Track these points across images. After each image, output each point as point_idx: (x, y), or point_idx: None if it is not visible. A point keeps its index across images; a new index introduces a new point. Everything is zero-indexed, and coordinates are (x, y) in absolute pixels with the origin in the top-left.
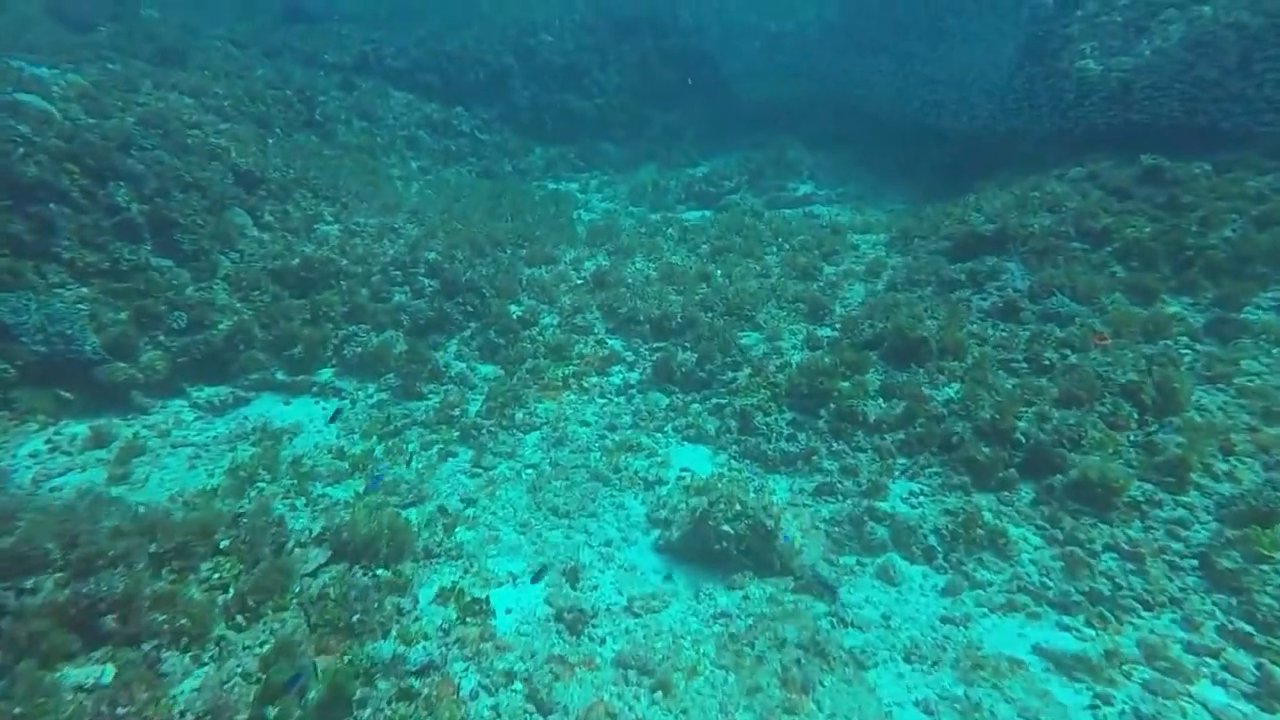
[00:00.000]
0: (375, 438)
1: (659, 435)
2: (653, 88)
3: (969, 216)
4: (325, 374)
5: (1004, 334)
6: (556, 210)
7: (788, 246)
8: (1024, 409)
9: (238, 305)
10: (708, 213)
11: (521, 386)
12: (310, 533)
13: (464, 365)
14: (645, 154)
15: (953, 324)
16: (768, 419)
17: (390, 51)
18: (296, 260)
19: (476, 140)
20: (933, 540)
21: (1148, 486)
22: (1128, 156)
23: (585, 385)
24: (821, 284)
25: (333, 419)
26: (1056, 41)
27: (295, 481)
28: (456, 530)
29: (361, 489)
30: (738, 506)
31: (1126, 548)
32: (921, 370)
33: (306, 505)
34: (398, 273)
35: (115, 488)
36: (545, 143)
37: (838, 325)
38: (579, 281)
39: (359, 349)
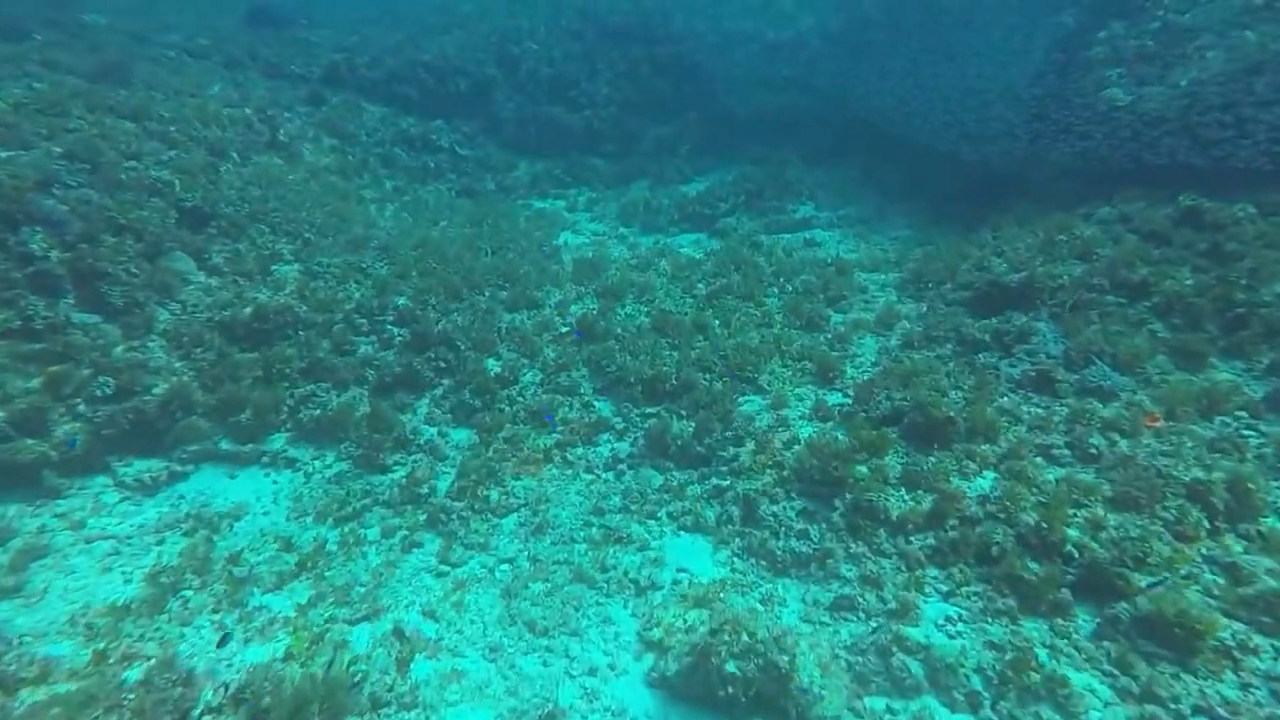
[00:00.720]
0: (330, 521)
1: (652, 523)
2: (644, 99)
3: (989, 262)
4: (277, 441)
5: (1040, 411)
6: (542, 235)
7: (790, 289)
8: (1073, 512)
9: (176, 365)
10: (702, 236)
11: (498, 459)
12: (225, 690)
13: (435, 430)
14: (636, 169)
15: (981, 398)
16: (775, 508)
17: (364, 61)
18: (248, 310)
19: (457, 156)
20: (977, 682)
21: (1238, 626)
22: (1161, 195)
23: (570, 458)
24: (829, 336)
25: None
26: (1078, 65)
27: (228, 588)
28: (414, 662)
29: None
30: (745, 638)
31: (1223, 713)
32: (949, 455)
33: (239, 621)
34: (363, 321)
35: (3, 604)
36: (530, 157)
37: (850, 391)
38: (565, 329)
39: (317, 411)
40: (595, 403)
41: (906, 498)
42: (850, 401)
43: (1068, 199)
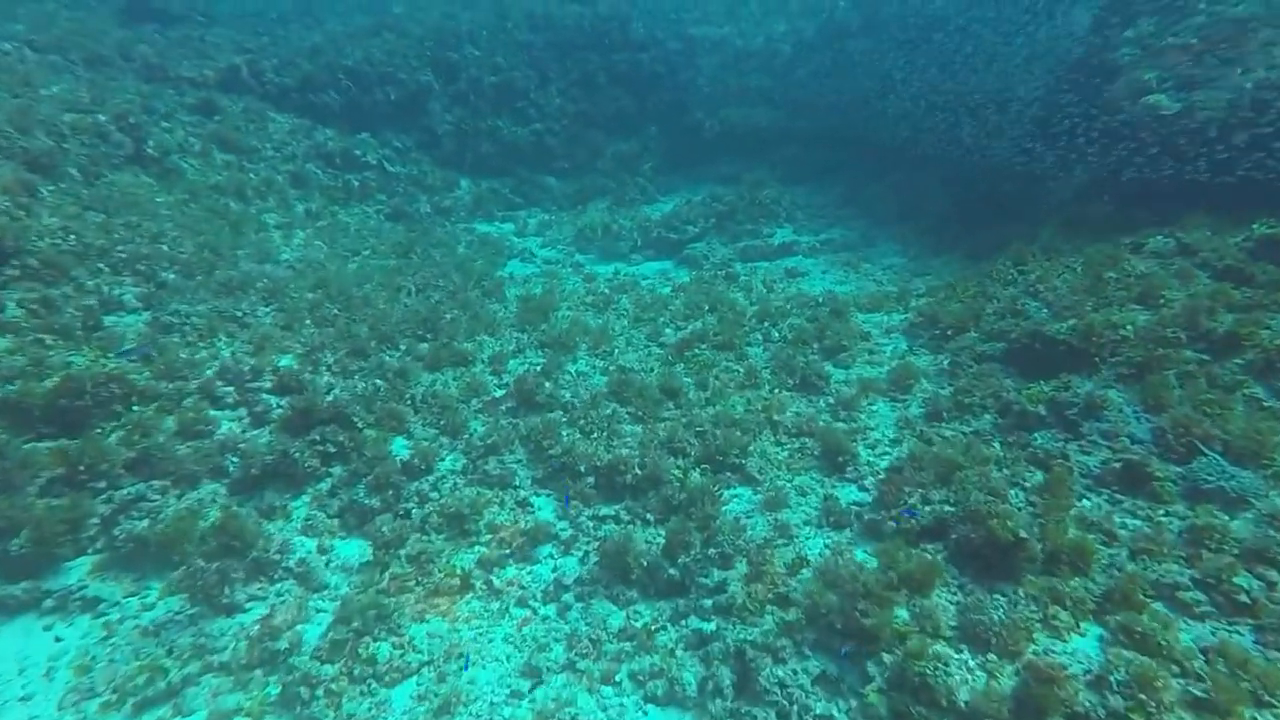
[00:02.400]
0: (128, 708)
1: (607, 690)
2: (602, 111)
3: (1025, 305)
4: (77, 571)
5: (1142, 525)
6: (484, 266)
7: (777, 335)
8: (1241, 711)
9: None
10: (669, 264)
11: (397, 590)
12: None
13: (314, 544)
14: (594, 188)
15: (1056, 504)
16: (781, 671)
17: (272, 65)
18: (53, 381)
19: (386, 173)
20: None
21: None
22: (1227, 219)
23: (496, 584)
24: (831, 401)
25: None
26: (1102, 68)
27: None
28: None
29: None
30: None
31: None
32: (1021, 594)
33: None
34: (229, 389)
35: None
36: (473, 175)
37: (868, 484)
38: (499, 392)
39: (143, 523)
40: (534, 499)
41: (974, 668)
42: (870, 501)
43: (1104, 224)
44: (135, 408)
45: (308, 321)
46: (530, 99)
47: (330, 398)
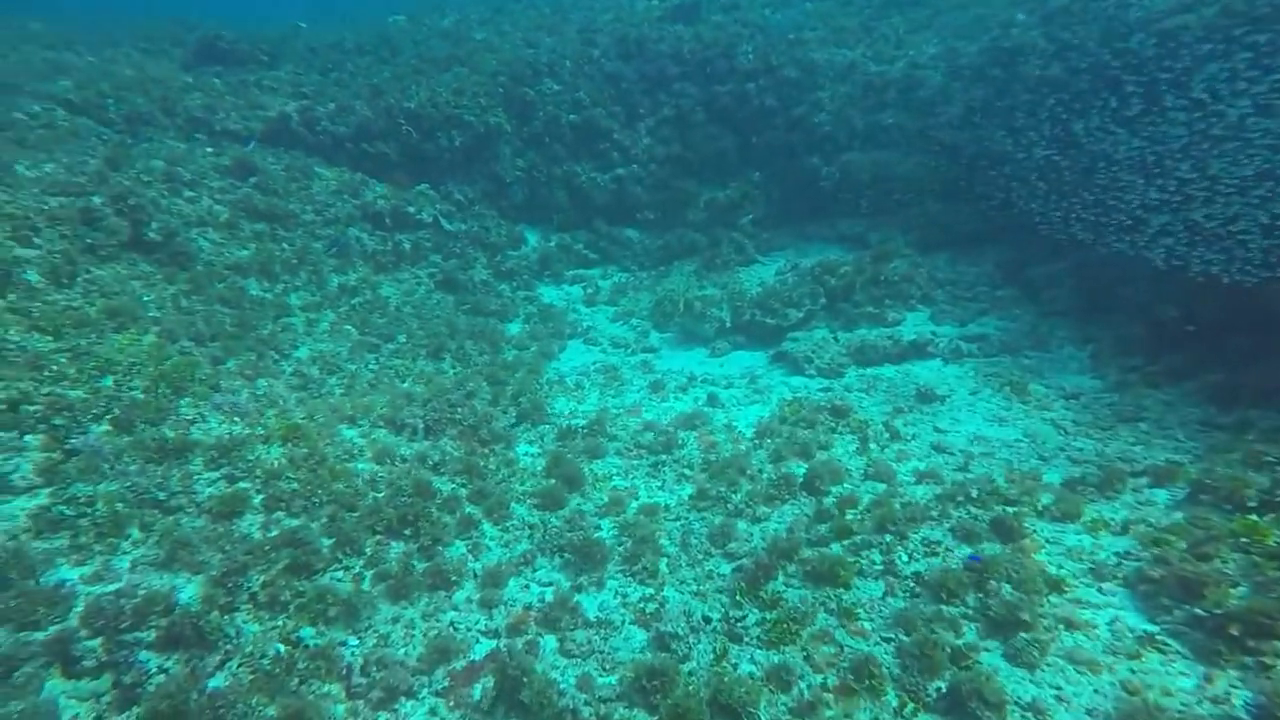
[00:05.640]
0: None
1: None
2: (698, 154)
3: None
4: None
5: None
6: (532, 362)
7: (904, 560)
8: None
9: None
10: (762, 359)
11: None
12: None
13: None
14: (682, 245)
15: None
16: None
17: (326, 112)
18: None
19: (442, 232)
20: None
21: None
22: None
23: None
24: None
25: None
26: None
27: None
28: None
29: None
30: None
31: None
32: None
33: None
34: (94, 643)
35: None
36: (544, 229)
37: None
38: (478, 655)
39: None
40: None
41: None
42: None
43: None
44: None
45: (254, 500)
46: (613, 140)
47: (214, 683)
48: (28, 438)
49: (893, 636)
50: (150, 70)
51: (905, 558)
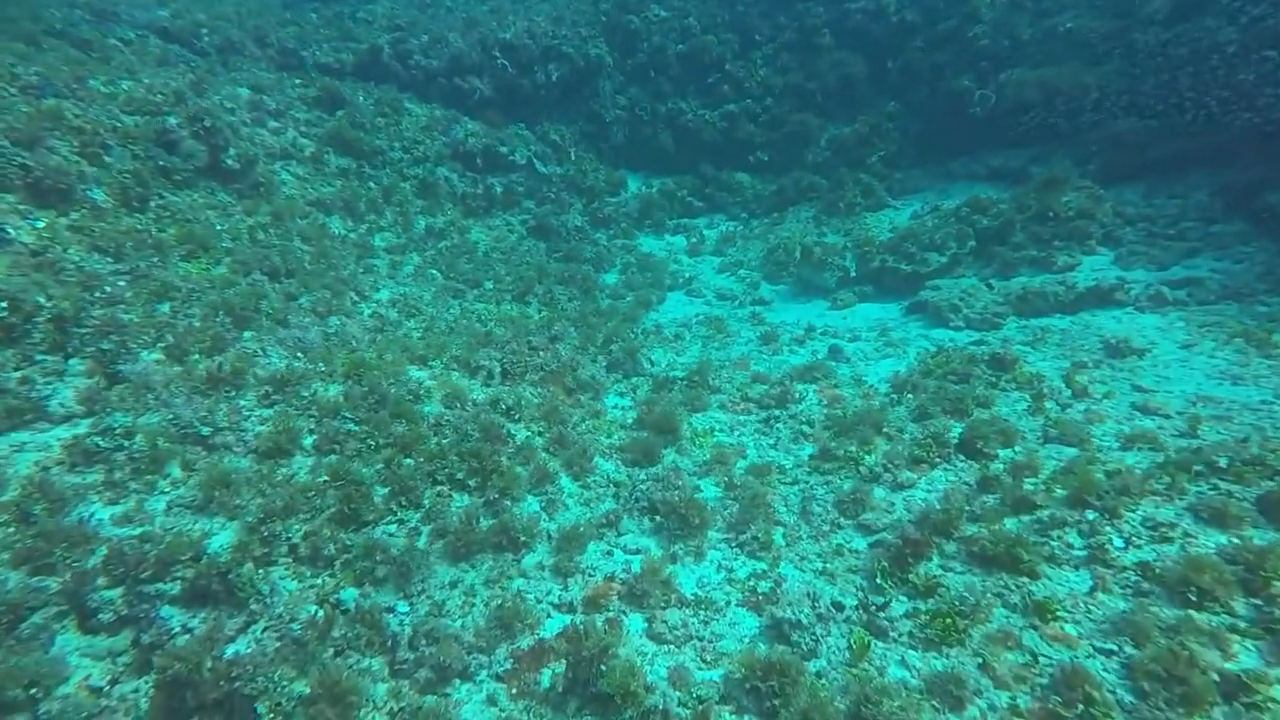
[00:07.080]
0: None
1: None
2: (822, 82)
3: None
4: None
5: None
6: (623, 316)
7: (1116, 549)
8: None
9: None
10: (894, 313)
11: None
12: None
13: None
14: (799, 190)
15: None
16: None
17: (418, 44)
18: None
19: (535, 175)
20: None
21: None
22: None
23: None
24: None
25: None
26: None
27: None
28: None
29: None
30: None
31: None
32: None
33: None
34: (114, 593)
35: None
36: (645, 173)
37: None
38: (548, 633)
39: None
40: None
41: None
42: None
43: None
44: None
45: (306, 441)
46: (725, 71)
47: (233, 648)
48: (72, 361)
49: (1114, 648)
50: (248, 4)
51: (1120, 542)
